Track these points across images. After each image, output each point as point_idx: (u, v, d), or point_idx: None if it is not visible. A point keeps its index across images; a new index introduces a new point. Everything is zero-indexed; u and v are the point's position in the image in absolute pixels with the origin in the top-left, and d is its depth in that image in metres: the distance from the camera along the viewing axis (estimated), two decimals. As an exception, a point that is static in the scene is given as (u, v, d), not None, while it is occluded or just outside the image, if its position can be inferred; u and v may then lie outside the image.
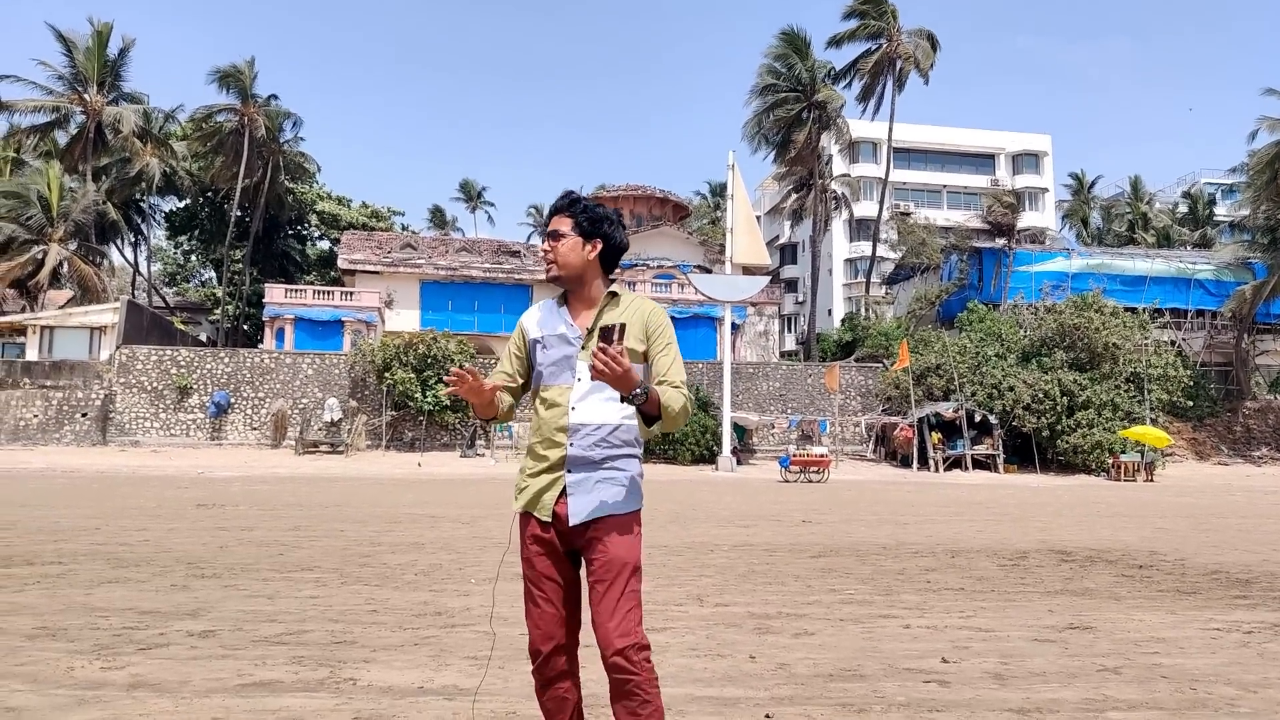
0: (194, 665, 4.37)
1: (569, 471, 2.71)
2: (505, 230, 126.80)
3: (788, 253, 66.55)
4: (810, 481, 25.35)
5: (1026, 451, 33.34)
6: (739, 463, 31.45)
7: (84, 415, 32.40)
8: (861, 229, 57.40)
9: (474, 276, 45.62)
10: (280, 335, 39.20)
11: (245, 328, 50.06)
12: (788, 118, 44.76)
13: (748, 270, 34.27)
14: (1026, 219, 49.62)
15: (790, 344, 59.83)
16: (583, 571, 2.79)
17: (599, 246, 2.81)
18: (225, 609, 5.78)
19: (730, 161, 32.52)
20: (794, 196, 50.81)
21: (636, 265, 43.22)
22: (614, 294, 2.82)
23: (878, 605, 6.37)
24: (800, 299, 61.51)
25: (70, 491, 16.58)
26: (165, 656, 4.53)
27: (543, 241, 2.86)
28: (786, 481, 25.40)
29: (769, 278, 35.98)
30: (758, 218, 46.20)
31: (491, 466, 29.33)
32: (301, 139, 50.57)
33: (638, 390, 2.51)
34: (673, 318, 38.89)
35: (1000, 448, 32.86)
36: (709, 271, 40.54)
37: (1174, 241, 54.41)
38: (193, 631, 5.10)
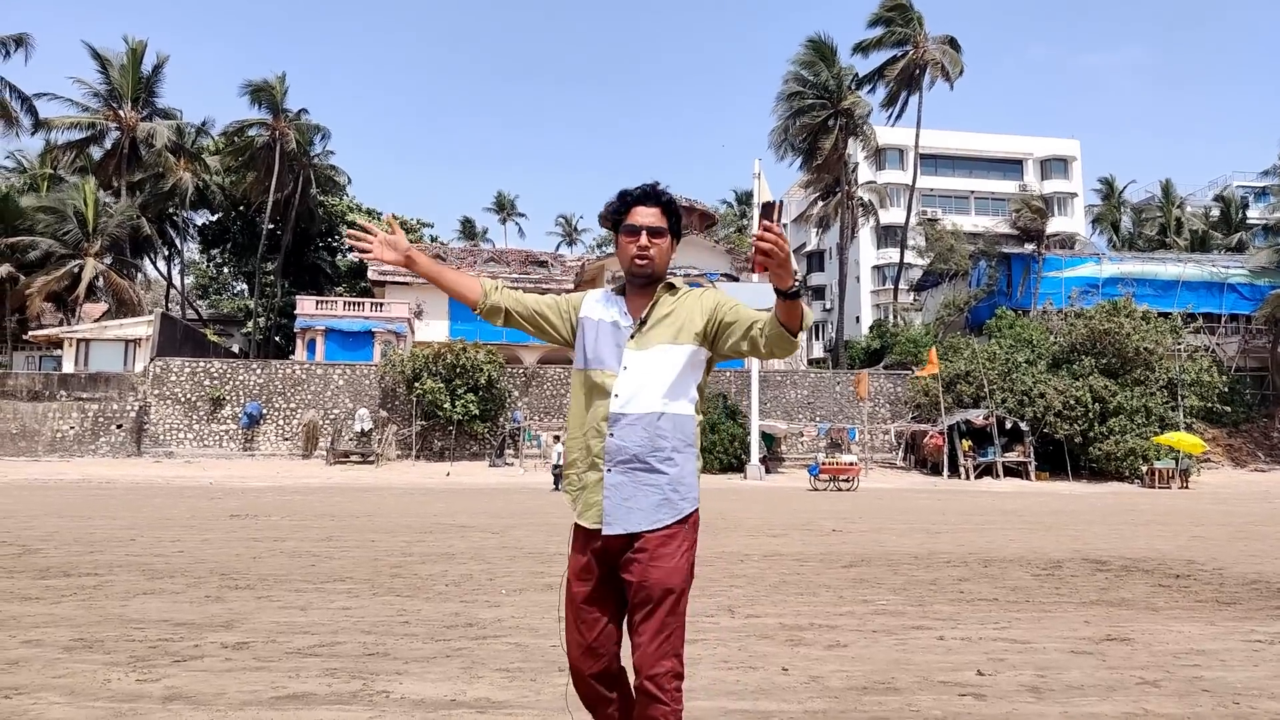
0: (228, 678, 4.40)
1: (609, 469, 2.61)
2: (534, 241, 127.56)
3: (815, 260, 66.32)
4: (840, 490, 25.18)
5: (1058, 459, 32.91)
6: (767, 471, 31.31)
7: (119, 427, 32.90)
8: (889, 235, 57.04)
9: (501, 287, 45.88)
10: (311, 346, 39.61)
11: (277, 339, 50.65)
12: (814, 125, 44.65)
13: (775, 278, 34.09)
14: (1055, 224, 49.06)
15: (818, 351, 59.54)
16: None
17: (676, 246, 2.81)
18: (259, 620, 5.82)
19: (756, 169, 32.48)
20: (820, 204, 50.64)
21: (663, 274, 43.19)
22: (671, 285, 2.77)
23: (910, 616, 6.31)
24: (828, 306, 61.20)
25: (106, 503, 16.83)
26: (200, 669, 4.57)
27: (632, 235, 2.73)
28: (816, 490, 25.25)
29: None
30: (784, 225, 45.98)
31: (520, 476, 29.41)
32: (331, 152, 51.25)
33: (797, 279, 2.40)
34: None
35: (1032, 455, 32.47)
36: (736, 280, 40.45)
37: (1207, 245, 53.55)
38: (227, 643, 5.15)
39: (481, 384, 32.97)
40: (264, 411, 33.50)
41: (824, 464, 26.83)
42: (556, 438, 34.27)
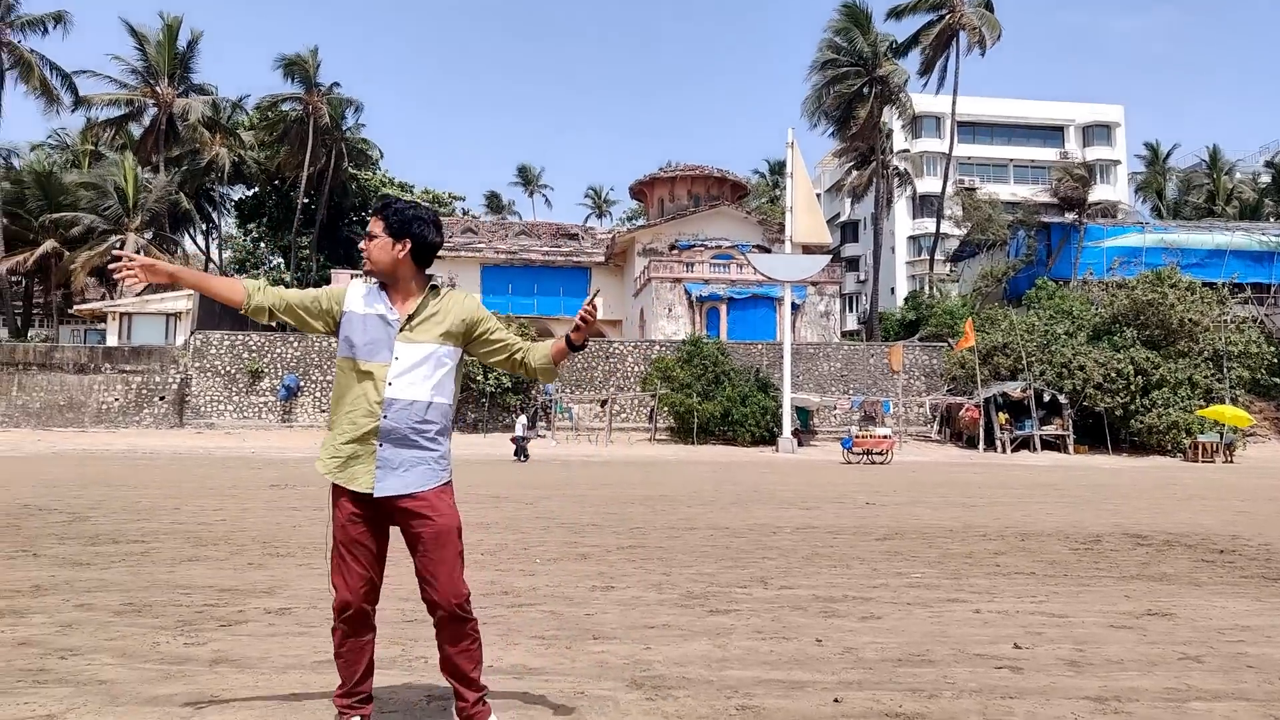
0: (272, 642, 4.49)
1: (381, 445, 2.99)
2: (563, 213, 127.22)
3: (849, 231, 65.58)
4: (873, 463, 25.06)
5: (1098, 432, 32.47)
6: (800, 444, 31.24)
7: (162, 399, 33.56)
8: (925, 205, 56.22)
9: (533, 260, 45.97)
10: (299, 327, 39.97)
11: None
12: (848, 93, 44.00)
13: (808, 249, 33.90)
14: (1098, 192, 47.95)
15: (852, 324, 59.08)
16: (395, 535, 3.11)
17: (409, 245, 3.07)
18: (300, 587, 5.94)
19: (789, 139, 32.13)
20: (855, 173, 50.01)
21: (695, 246, 43.04)
22: (434, 288, 3.14)
23: (945, 589, 6.27)
24: (862, 278, 60.62)
25: (150, 472, 17.20)
26: (244, 633, 4.67)
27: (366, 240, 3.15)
28: (849, 463, 25.15)
29: (830, 256, 35.56)
30: (818, 195, 45.61)
31: (553, 448, 29.60)
32: (363, 125, 51.61)
33: (588, 341, 3.15)
34: (731, 298, 38.93)
35: (1070, 428, 32.06)
36: (768, 251, 40.16)
37: (1258, 213, 52.16)
38: (270, 609, 5.25)
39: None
40: (301, 384, 33.98)
41: (857, 437, 26.70)
42: (602, 405, 34.43)
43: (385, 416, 2.99)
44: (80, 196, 41.46)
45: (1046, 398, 32.68)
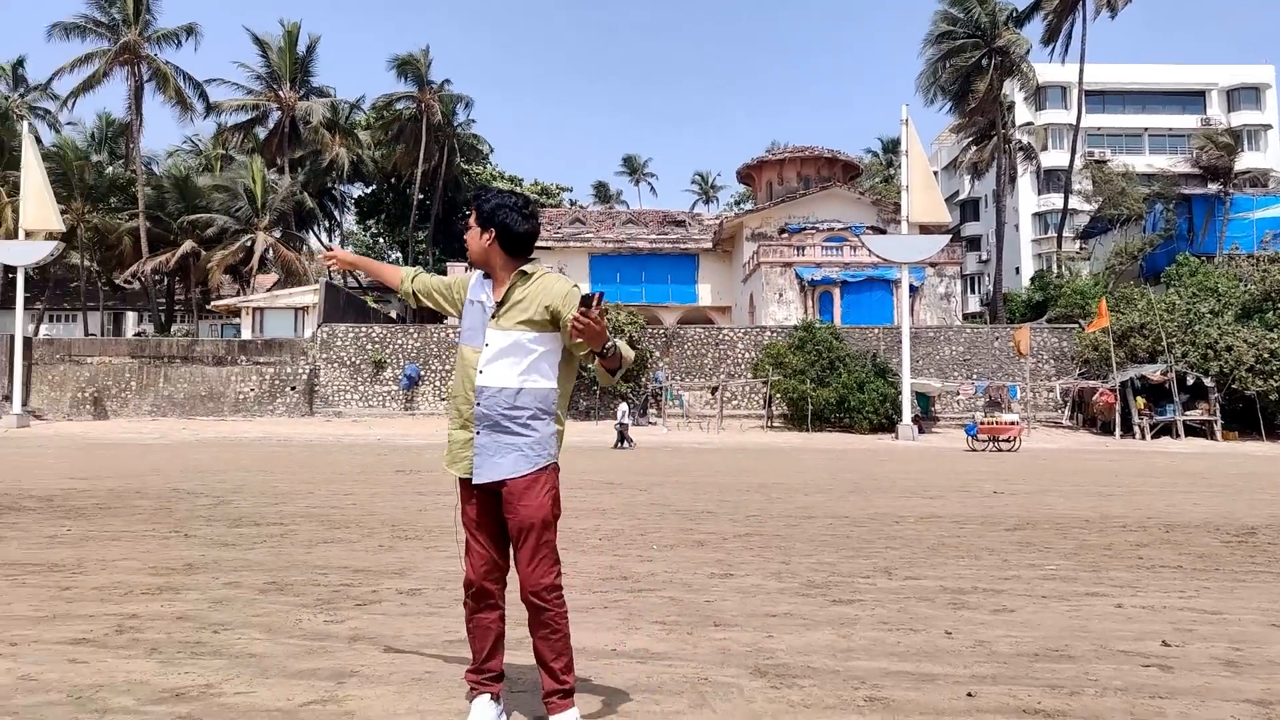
0: (404, 621, 4.65)
1: (478, 431, 3.10)
2: (669, 200, 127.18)
3: (969, 209, 63.24)
4: (999, 450, 24.17)
5: (1249, 417, 30.36)
6: (920, 431, 30.40)
7: (292, 388, 35.29)
8: (1051, 180, 53.60)
9: (640, 248, 46.16)
10: (440, 311, 41.13)
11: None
12: (966, 66, 42.38)
13: (925, 229, 32.79)
14: (1245, 160, 44.70)
15: (974, 305, 57.04)
16: None
17: (495, 234, 3.16)
18: (428, 569, 6.13)
19: (904, 116, 31.16)
20: (974, 149, 48.15)
21: (805, 229, 42.35)
22: (523, 272, 3.14)
23: (1084, 582, 5.98)
24: (984, 257, 58.45)
25: (284, 459, 18.12)
26: (379, 612, 4.85)
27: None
28: (973, 450, 24.33)
29: (949, 236, 34.28)
30: (934, 173, 44.11)
31: (663, 435, 29.71)
32: (473, 121, 52.82)
33: (609, 344, 2.92)
34: (844, 281, 38.04)
35: (1218, 413, 30.09)
36: (883, 232, 39.14)
37: None
38: (401, 590, 5.44)
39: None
40: (422, 373, 35.13)
41: (982, 423, 25.76)
42: (713, 392, 34.40)
43: (478, 403, 3.08)
44: (214, 199, 43.93)
45: (1190, 381, 30.75)
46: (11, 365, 33.19)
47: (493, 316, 3.12)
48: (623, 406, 25.97)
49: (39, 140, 37.14)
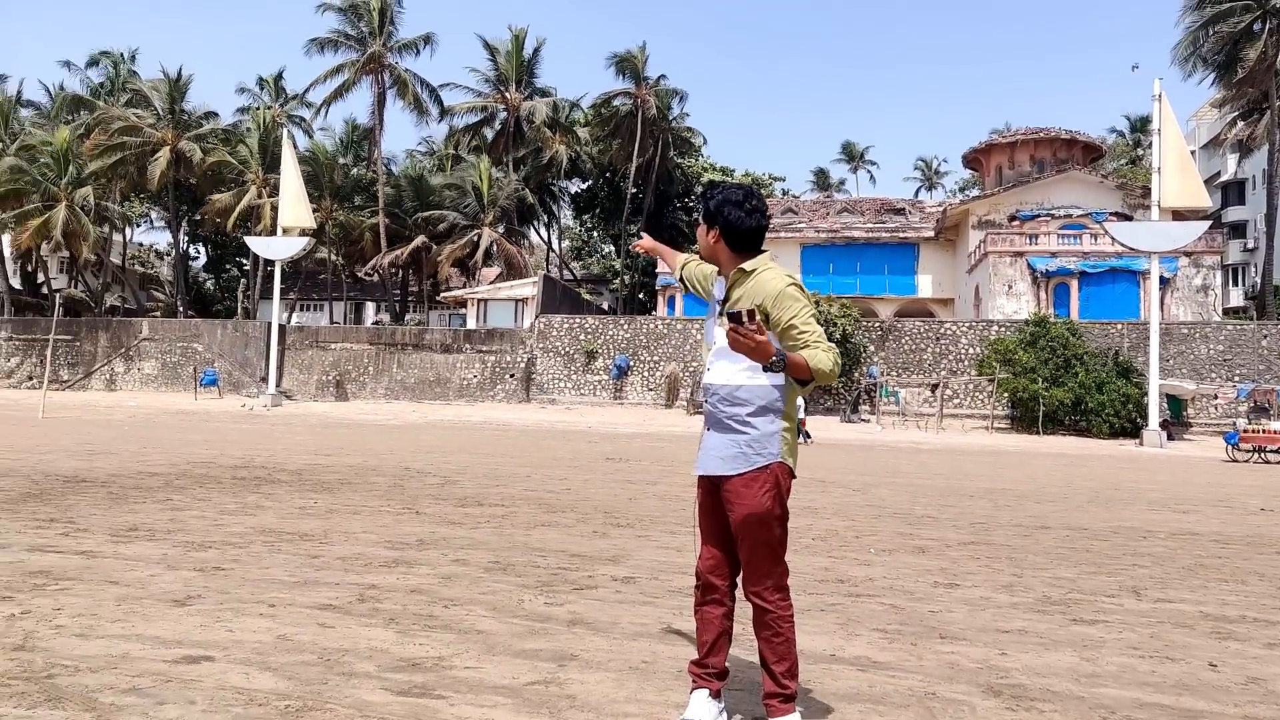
0: (620, 609, 4.70)
1: (707, 429, 3.15)
2: (889, 188, 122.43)
3: (1233, 192, 56.67)
4: (1266, 462, 21.52)
5: None
6: (1170, 438, 27.65)
7: (511, 376, 37.19)
8: (1332, 158, 47.00)
9: (855, 237, 44.87)
10: (671, 303, 41.76)
11: (640, 296, 54.07)
12: (1233, 32, 37.94)
13: (1179, 215, 29.65)
14: None
15: (1237, 299, 51.17)
16: None
17: (719, 231, 3.13)
18: (641, 558, 6.18)
19: (1156, 91, 28.32)
20: (1241, 124, 43.09)
21: (1039, 216, 39.56)
22: (742, 270, 3.10)
23: (1387, 620, 5.12)
24: (1250, 245, 52.29)
25: (504, 443, 19.08)
26: (595, 598, 4.93)
27: None
28: (1234, 461, 21.81)
29: (1207, 222, 30.83)
30: (1191, 153, 39.93)
31: (877, 434, 28.75)
32: (687, 114, 53.17)
33: (774, 359, 2.81)
34: (1083, 273, 35.15)
35: None
36: (1129, 219, 35.86)
37: None
38: (616, 577, 5.52)
39: (836, 338, 32.62)
40: (631, 363, 35.98)
41: (1245, 431, 23.02)
42: (933, 389, 33.05)
43: (706, 400, 3.14)
44: (445, 196, 47.01)
45: None
46: (268, 350, 37.11)
47: (720, 314, 3.12)
48: (799, 399, 25.37)
49: (296, 145, 41.12)
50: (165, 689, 3.27)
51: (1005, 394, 31.19)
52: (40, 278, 53.16)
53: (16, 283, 51.86)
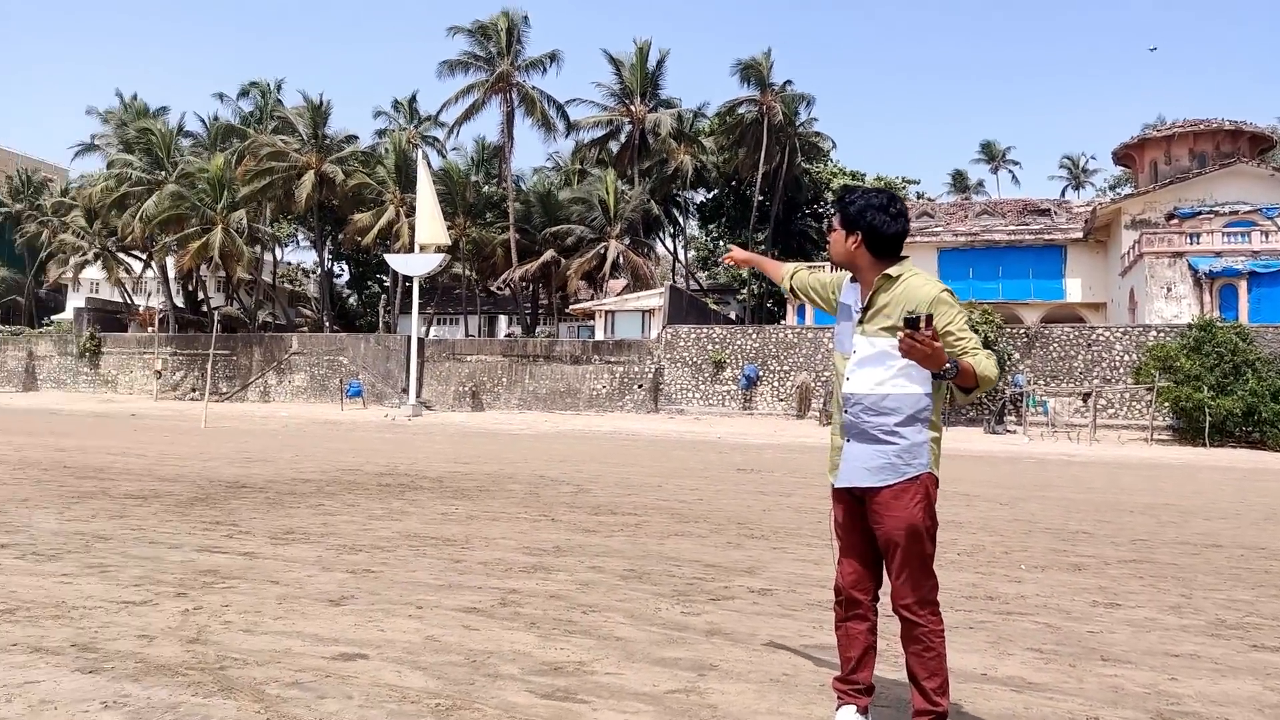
0: (759, 620, 4.63)
1: (847, 439, 3.06)
2: (1033, 188, 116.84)
3: None
4: None
5: None
6: None
7: (640, 386, 37.47)
8: None
9: (997, 241, 43.12)
10: (801, 311, 41.17)
11: (769, 305, 53.56)
12: None
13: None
14: None
15: None
16: None
17: (860, 237, 3.06)
18: (778, 570, 6.08)
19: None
20: None
21: (1200, 213, 36.97)
22: (887, 275, 3.02)
23: None
24: None
25: (633, 452, 19.21)
26: (732, 609, 4.88)
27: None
28: None
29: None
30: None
31: (1023, 445, 27.45)
32: (815, 119, 52.37)
33: (947, 366, 2.75)
34: (1253, 272, 32.74)
35: None
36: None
37: None
38: (753, 588, 5.44)
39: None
40: (760, 373, 35.64)
41: None
42: (1085, 399, 31.43)
43: (846, 411, 3.05)
44: (572, 210, 47.94)
45: None
46: (408, 363, 38.67)
47: (859, 323, 3.06)
48: None
49: (430, 165, 42.82)
50: (325, 684, 3.42)
51: (1166, 403, 29.24)
52: (200, 296, 57.23)
53: (179, 301, 55.97)
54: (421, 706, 3.21)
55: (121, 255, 53.97)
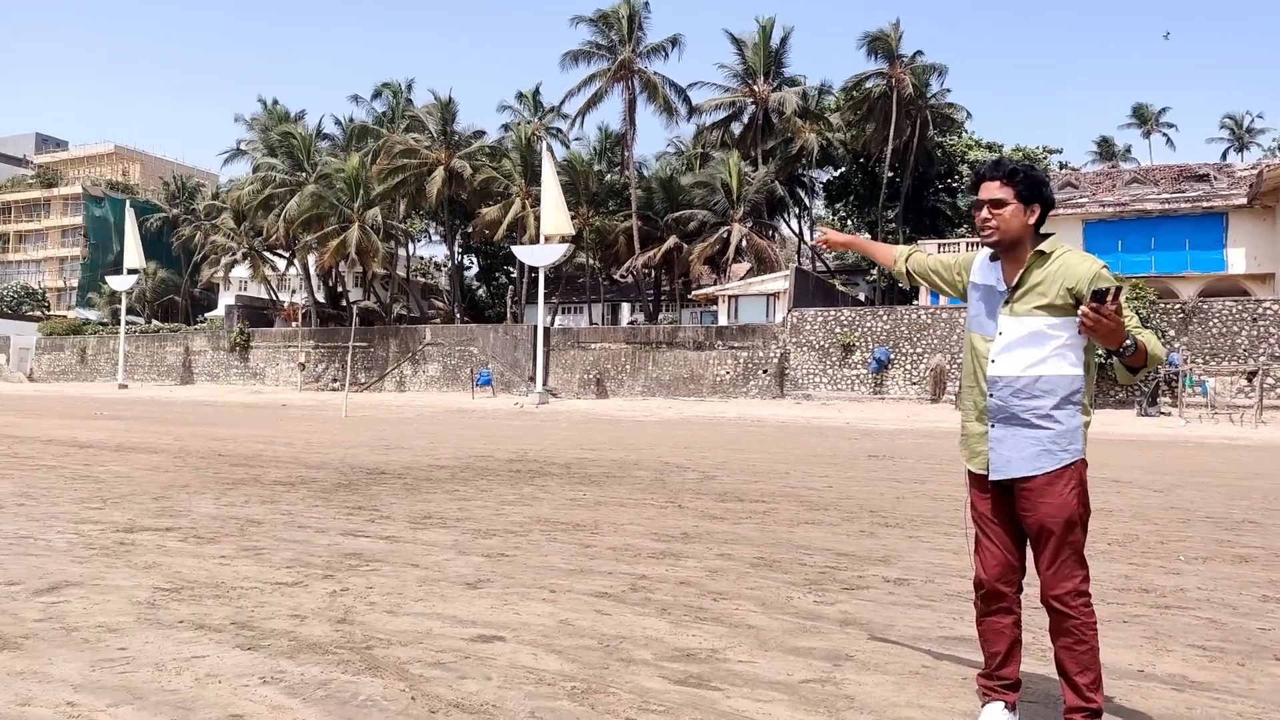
0: (895, 610, 4.51)
1: (991, 425, 2.93)
2: (1189, 153, 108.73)
3: None
4: None
5: None
6: None
7: (764, 372, 37.11)
8: None
9: (1149, 210, 40.45)
10: (934, 291, 39.80)
11: (900, 285, 51.98)
12: None
13: None
14: None
15: None
16: None
17: (1038, 211, 2.92)
18: (913, 559, 5.91)
19: None
20: None
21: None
22: (1040, 252, 2.88)
23: None
24: None
25: (759, 438, 19.06)
26: (867, 599, 4.77)
27: (978, 209, 2.96)
28: None
29: None
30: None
31: (1180, 428, 25.75)
32: (948, 90, 50.32)
33: (1127, 343, 2.65)
34: None
35: None
36: None
37: None
38: (888, 578, 5.30)
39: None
40: (891, 356, 34.69)
41: None
42: (1249, 378, 29.34)
43: (991, 394, 2.92)
44: (694, 195, 47.78)
45: None
46: (535, 351, 39.54)
47: (1005, 302, 2.91)
48: None
49: (554, 157, 43.50)
50: (464, 665, 3.53)
51: (1340, 381, 26.86)
52: (339, 291, 60.15)
53: (320, 297, 58.99)
54: (557, 689, 3.27)
55: (267, 254, 57.34)
